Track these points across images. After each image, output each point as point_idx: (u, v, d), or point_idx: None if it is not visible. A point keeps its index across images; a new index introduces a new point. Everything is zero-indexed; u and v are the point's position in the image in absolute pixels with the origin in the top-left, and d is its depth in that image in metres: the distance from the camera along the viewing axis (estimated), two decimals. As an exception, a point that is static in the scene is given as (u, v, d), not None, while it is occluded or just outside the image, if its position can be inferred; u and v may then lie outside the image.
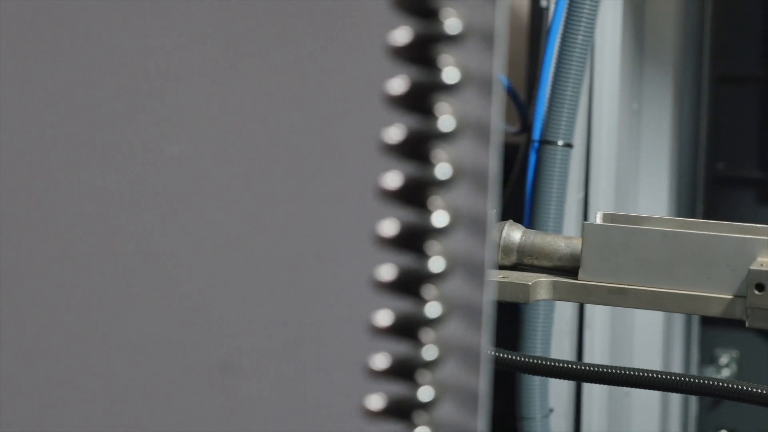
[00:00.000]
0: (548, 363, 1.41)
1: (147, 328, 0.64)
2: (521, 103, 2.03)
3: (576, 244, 1.20)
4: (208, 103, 0.61)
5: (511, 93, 2.02)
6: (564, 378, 1.41)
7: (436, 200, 0.61)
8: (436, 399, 0.62)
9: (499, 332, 1.81)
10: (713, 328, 2.55)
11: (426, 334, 0.61)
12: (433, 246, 0.61)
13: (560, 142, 1.70)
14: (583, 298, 1.20)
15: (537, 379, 1.74)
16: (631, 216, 1.22)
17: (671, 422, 2.47)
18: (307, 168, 0.61)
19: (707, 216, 2.52)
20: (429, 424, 0.62)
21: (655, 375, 1.32)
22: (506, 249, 1.22)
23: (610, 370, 1.42)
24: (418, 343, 0.61)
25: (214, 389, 0.64)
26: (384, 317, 0.61)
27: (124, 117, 0.61)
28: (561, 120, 1.69)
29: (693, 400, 2.51)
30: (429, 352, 0.61)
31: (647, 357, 2.20)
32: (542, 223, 1.70)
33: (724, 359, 2.57)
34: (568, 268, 1.21)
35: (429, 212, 0.61)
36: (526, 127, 1.94)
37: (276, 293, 0.62)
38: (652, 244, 1.17)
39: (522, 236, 1.23)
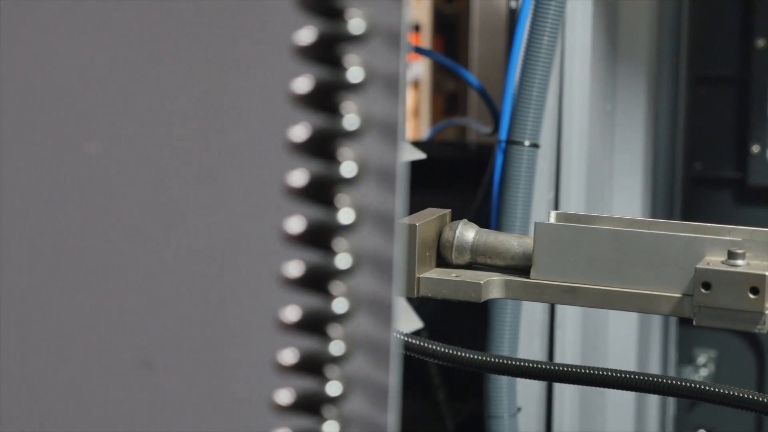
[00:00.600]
0: (515, 363, 1.41)
1: (63, 328, 0.65)
2: (494, 104, 2.03)
3: (528, 243, 1.21)
4: (115, 102, 0.62)
5: (482, 94, 2.03)
6: (530, 378, 1.41)
7: (342, 198, 0.62)
8: (344, 394, 0.63)
9: (467, 332, 1.82)
10: (691, 328, 2.55)
11: (334, 330, 0.62)
12: (340, 243, 0.62)
13: (527, 143, 1.70)
14: (535, 297, 1.21)
15: (504, 378, 1.75)
16: (584, 215, 1.23)
17: (649, 421, 2.48)
18: (214, 167, 0.62)
19: (685, 216, 2.53)
20: (338, 418, 0.63)
21: (624, 375, 1.32)
22: (460, 248, 1.23)
23: (578, 370, 1.42)
24: (327, 339, 0.62)
25: (132, 386, 0.65)
26: (292, 313, 0.62)
27: (28, 116, 0.62)
28: (527, 120, 1.69)
29: (671, 399, 2.51)
30: (337, 348, 0.62)
31: (622, 357, 2.20)
32: (509, 223, 1.71)
33: (702, 359, 2.58)
34: (520, 267, 1.22)
35: (335, 209, 0.62)
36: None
37: (187, 290, 0.63)
38: (602, 243, 1.18)
39: (475, 235, 1.24)
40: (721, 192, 2.54)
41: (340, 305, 0.62)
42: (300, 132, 0.61)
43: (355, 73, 0.61)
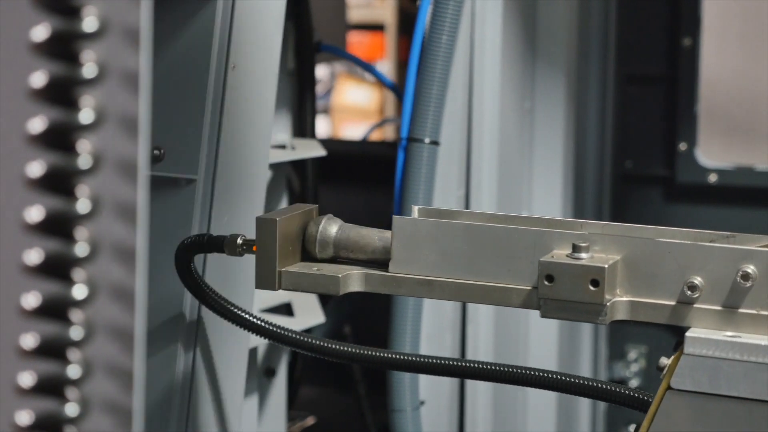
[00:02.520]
0: (414, 359, 1.44)
1: None
2: (409, 101, 2.05)
3: (389, 237, 1.24)
4: None
5: (396, 92, 2.05)
6: (429, 373, 1.43)
7: (81, 188, 0.64)
8: (85, 376, 0.65)
9: (372, 330, 1.84)
10: (622, 324, 2.57)
11: (75, 315, 0.65)
12: (80, 231, 0.64)
13: (427, 140, 1.73)
14: (392, 290, 1.23)
15: (407, 372, 1.77)
16: (444, 210, 1.26)
17: (580, 417, 2.50)
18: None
19: (615, 214, 2.55)
20: (80, 400, 0.65)
21: (522, 371, 1.34)
22: (323, 243, 1.26)
23: (476, 366, 1.44)
24: (68, 323, 0.65)
25: None
26: (33, 298, 0.65)
27: None
28: (427, 118, 1.72)
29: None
30: (78, 332, 0.65)
31: (543, 352, 2.23)
32: (410, 220, 1.73)
33: (632, 354, 2.61)
34: (381, 260, 1.24)
35: (75, 199, 0.64)
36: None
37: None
38: (456, 237, 1.20)
39: (338, 230, 1.26)
40: (650, 189, 2.57)
41: (80, 291, 0.65)
42: (37, 125, 0.64)
43: (90, 69, 0.63)
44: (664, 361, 1.16)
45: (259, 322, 1.33)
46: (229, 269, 1.44)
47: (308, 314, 1.81)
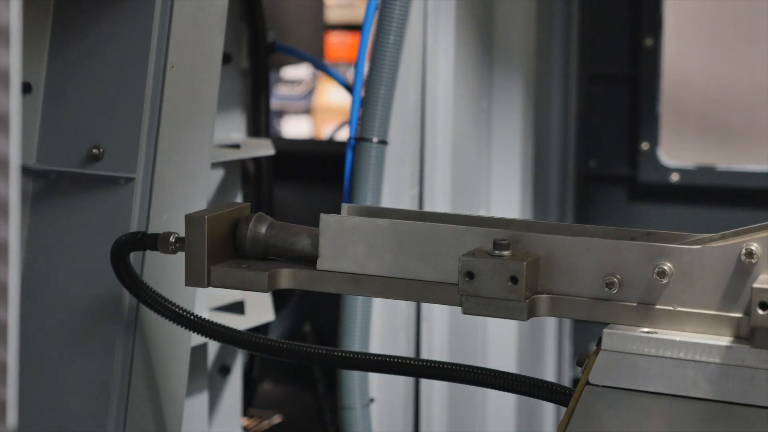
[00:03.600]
0: (363, 357, 1.45)
1: None
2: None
3: (318, 235, 1.25)
4: None
5: (349, 90, 2.06)
6: (378, 371, 1.44)
7: (-49, 184, 0.65)
8: (-42, 369, 0.66)
9: (332, 328, 1.85)
10: (586, 323, 2.58)
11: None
12: (-49, 227, 0.65)
13: (375, 139, 1.74)
14: (320, 287, 1.24)
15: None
16: (374, 208, 1.27)
17: (544, 415, 2.51)
18: None
19: (578, 213, 2.57)
20: (-47, 392, 0.66)
21: (466, 369, 1.34)
22: (253, 240, 1.27)
23: (422, 364, 1.45)
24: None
25: None
26: None
27: None
28: (375, 118, 1.73)
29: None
30: (-50, 326, 0.66)
31: (502, 352, 2.23)
32: (358, 218, 1.74)
33: (597, 354, 2.61)
34: (310, 258, 1.25)
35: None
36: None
37: None
38: (382, 235, 1.21)
39: (268, 228, 1.27)
40: (613, 189, 2.58)
41: (-48, 285, 0.66)
42: None
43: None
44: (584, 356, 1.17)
45: (195, 318, 1.34)
46: (169, 267, 1.45)
47: (259, 312, 1.82)
